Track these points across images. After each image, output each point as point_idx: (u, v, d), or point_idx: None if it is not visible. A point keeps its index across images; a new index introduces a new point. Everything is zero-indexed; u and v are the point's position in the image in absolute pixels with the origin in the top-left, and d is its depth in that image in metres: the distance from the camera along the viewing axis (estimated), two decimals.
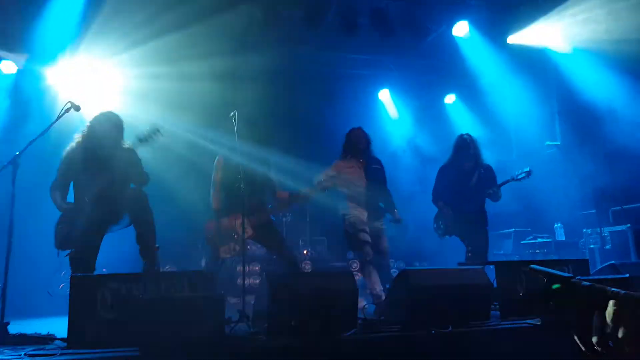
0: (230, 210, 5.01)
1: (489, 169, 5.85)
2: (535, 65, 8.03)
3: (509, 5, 7.35)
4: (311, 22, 7.65)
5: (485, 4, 7.43)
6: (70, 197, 4.57)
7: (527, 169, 5.49)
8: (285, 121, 9.40)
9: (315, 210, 8.67)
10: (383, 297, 4.93)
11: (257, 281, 7.56)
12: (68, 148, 4.55)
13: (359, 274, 5.89)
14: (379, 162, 5.77)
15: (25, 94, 7.92)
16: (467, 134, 5.89)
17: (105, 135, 4.49)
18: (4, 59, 7.92)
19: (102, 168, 4.41)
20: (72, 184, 4.53)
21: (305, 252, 8.47)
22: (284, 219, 8.46)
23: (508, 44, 7.92)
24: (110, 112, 4.69)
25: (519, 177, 5.55)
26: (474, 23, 7.76)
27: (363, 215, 5.42)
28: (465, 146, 5.77)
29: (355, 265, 8.24)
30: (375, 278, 5.14)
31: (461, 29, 7.86)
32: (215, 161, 5.28)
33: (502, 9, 7.37)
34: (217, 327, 3.16)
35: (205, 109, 8.49)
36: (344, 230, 5.54)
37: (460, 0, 7.41)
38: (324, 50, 8.91)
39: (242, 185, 4.56)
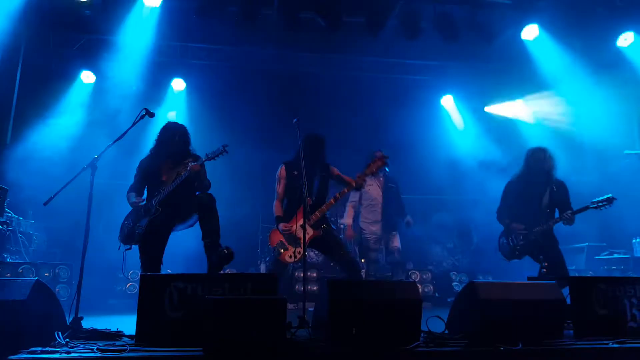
0: (291, 214, 5.22)
1: (561, 186, 5.41)
2: (613, 68, 7.60)
3: (583, 8, 6.99)
4: (373, 28, 7.60)
5: (555, 6, 7.11)
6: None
7: (609, 195, 5.06)
8: (347, 126, 9.42)
9: None
10: None
11: (315, 288, 7.55)
12: (145, 157, 5.01)
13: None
14: (394, 181, 6.83)
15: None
16: (541, 148, 5.50)
17: (173, 144, 4.87)
18: (85, 69, 8.41)
19: (171, 174, 4.77)
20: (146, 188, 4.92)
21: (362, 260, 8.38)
22: (341, 224, 8.41)
23: (582, 45, 7.56)
24: (176, 123, 5.09)
25: (599, 205, 5.10)
26: (544, 26, 7.45)
27: (378, 229, 6.59)
28: (538, 161, 5.40)
29: (414, 276, 8.08)
30: None
31: (531, 32, 7.57)
32: (278, 171, 5.46)
33: (575, 12, 7.02)
34: (279, 331, 3.15)
35: (265, 116, 8.65)
36: (359, 240, 6.77)
37: (529, 3, 7.12)
38: (385, 57, 8.84)
39: (304, 187, 4.59)
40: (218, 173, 8.41)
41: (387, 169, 6.42)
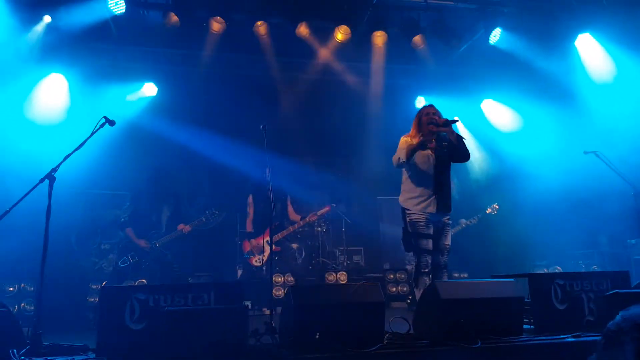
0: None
1: None
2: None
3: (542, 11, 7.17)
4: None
5: (518, 11, 7.27)
6: None
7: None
8: (319, 133, 9.46)
9: (351, 220, 8.65)
10: None
11: None
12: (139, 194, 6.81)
13: None
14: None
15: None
16: None
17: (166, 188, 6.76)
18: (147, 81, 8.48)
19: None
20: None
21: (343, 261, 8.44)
22: (319, 229, 8.43)
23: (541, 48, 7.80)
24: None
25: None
26: (507, 30, 7.59)
27: (429, 208, 4.74)
28: None
29: (391, 276, 8.12)
30: None
31: (496, 36, 7.69)
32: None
33: (535, 15, 7.22)
34: (240, 339, 3.18)
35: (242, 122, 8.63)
36: (403, 227, 4.91)
37: (493, 8, 7.25)
38: (356, 61, 8.87)
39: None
40: (197, 179, 8.49)
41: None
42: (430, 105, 5.05)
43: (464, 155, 4.88)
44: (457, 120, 4.77)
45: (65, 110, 7.62)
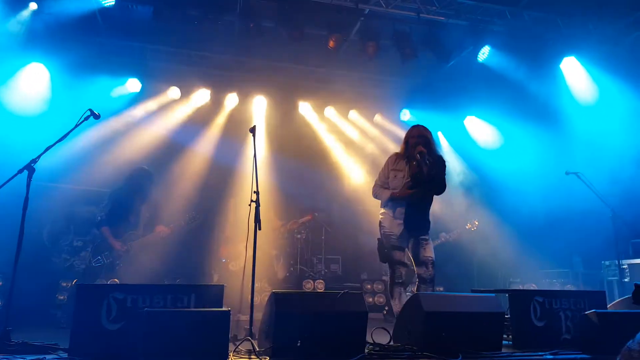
0: None
1: None
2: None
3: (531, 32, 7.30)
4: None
5: (507, 30, 7.39)
6: None
7: None
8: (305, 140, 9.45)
9: (331, 228, 8.63)
10: None
11: None
12: (116, 191, 6.26)
13: None
14: (441, 163, 4.91)
15: None
16: None
17: (145, 188, 6.21)
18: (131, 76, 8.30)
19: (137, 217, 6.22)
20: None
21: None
22: (299, 237, 8.38)
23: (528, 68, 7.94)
24: (148, 169, 6.34)
25: None
26: (496, 47, 7.71)
27: (397, 229, 4.79)
28: None
29: (368, 287, 8.11)
30: (403, 301, 4.54)
31: (484, 53, 7.79)
32: None
33: (523, 35, 7.35)
34: (220, 344, 3.10)
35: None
36: (379, 239, 4.93)
37: (484, 26, 7.34)
38: (345, 70, 8.88)
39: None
40: (178, 181, 8.38)
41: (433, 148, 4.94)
42: (417, 127, 5.00)
43: (438, 188, 4.87)
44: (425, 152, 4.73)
45: (46, 101, 7.42)
